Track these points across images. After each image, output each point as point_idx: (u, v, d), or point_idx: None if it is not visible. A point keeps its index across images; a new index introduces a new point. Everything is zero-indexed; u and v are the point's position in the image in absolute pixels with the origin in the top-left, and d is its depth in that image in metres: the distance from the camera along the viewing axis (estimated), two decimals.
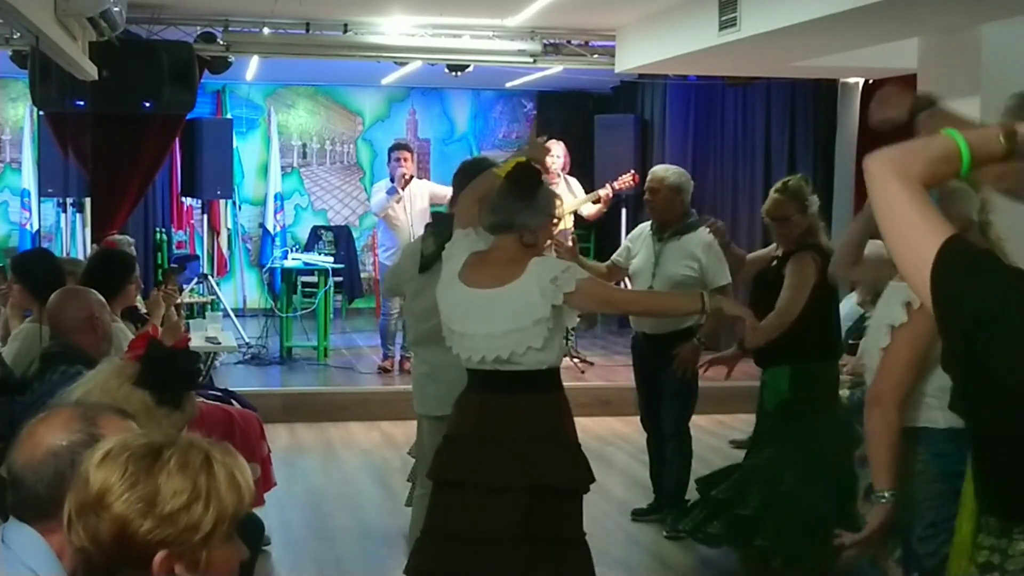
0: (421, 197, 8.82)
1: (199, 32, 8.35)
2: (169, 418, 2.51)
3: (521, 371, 3.56)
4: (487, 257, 3.63)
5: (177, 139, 9.71)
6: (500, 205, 3.61)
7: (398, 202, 8.69)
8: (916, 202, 1.71)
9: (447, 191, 8.38)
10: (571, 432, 3.74)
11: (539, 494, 3.55)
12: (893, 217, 1.73)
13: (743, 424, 7.10)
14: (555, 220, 3.73)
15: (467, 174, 4.18)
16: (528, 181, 3.64)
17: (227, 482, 1.63)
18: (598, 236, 11.86)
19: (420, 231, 8.73)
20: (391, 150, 8.99)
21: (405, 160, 8.73)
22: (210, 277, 10.42)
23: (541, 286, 3.50)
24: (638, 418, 5.88)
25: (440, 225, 4.45)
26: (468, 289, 3.61)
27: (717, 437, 7.51)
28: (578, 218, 9.11)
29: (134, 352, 2.62)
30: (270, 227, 12.31)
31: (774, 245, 5.11)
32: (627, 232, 7.27)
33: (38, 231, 11.33)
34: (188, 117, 9.20)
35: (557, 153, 8.99)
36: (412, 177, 8.81)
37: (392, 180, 8.72)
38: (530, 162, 3.73)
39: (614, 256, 5.81)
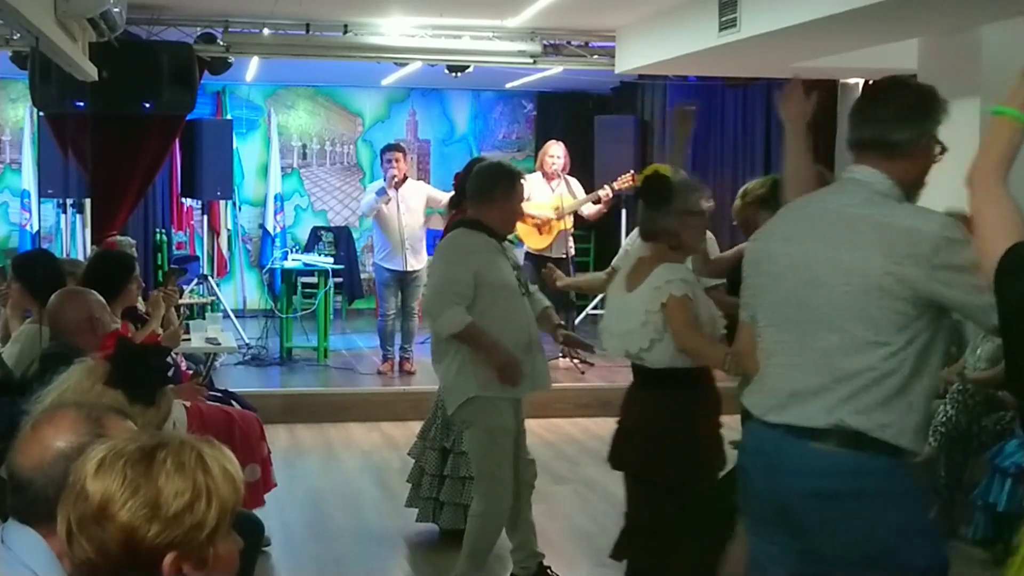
0: (416, 199, 8.80)
1: (199, 33, 8.34)
2: (144, 416, 2.49)
3: (649, 368, 3.78)
4: (643, 259, 3.88)
5: (177, 140, 9.68)
6: (642, 217, 3.95)
7: (387, 203, 8.68)
8: (1010, 208, 2.09)
9: (444, 196, 8.39)
10: (688, 429, 3.81)
11: (646, 485, 3.79)
12: (989, 220, 2.13)
13: None
14: (695, 211, 3.92)
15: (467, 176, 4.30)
16: (657, 191, 3.87)
17: (222, 475, 1.64)
18: (597, 237, 11.87)
19: (414, 233, 8.84)
20: (383, 151, 8.97)
21: (396, 161, 8.70)
22: (210, 278, 10.43)
23: (651, 290, 3.71)
24: None
25: None
26: (619, 293, 3.87)
27: None
28: (578, 218, 9.11)
29: (104, 352, 2.61)
30: (270, 228, 12.30)
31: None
32: (627, 233, 7.27)
33: (38, 232, 11.32)
34: (188, 118, 9.18)
35: (557, 154, 9.00)
36: (405, 178, 8.80)
37: (385, 181, 8.73)
38: (658, 170, 3.94)
39: (614, 261, 5.78)
